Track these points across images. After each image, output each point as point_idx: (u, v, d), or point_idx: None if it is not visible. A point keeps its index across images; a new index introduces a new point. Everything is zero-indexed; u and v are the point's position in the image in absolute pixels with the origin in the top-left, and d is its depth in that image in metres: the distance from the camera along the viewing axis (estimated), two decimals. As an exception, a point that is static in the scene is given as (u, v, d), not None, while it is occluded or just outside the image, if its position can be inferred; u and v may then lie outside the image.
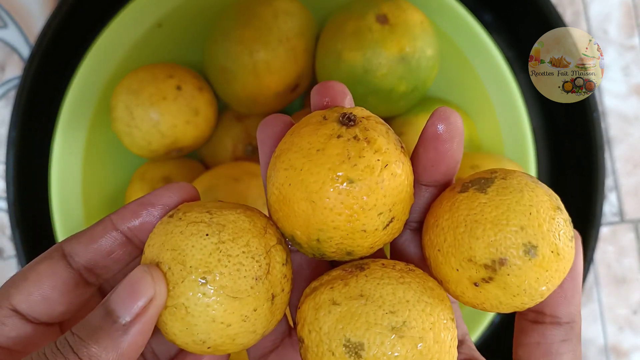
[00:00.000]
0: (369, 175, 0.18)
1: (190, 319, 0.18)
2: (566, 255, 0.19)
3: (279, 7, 0.37)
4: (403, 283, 0.19)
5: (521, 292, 0.18)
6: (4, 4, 0.49)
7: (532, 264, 0.18)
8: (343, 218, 0.18)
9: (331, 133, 0.18)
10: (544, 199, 0.19)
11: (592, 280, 0.51)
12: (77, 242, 0.20)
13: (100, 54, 0.38)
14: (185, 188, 0.21)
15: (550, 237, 0.18)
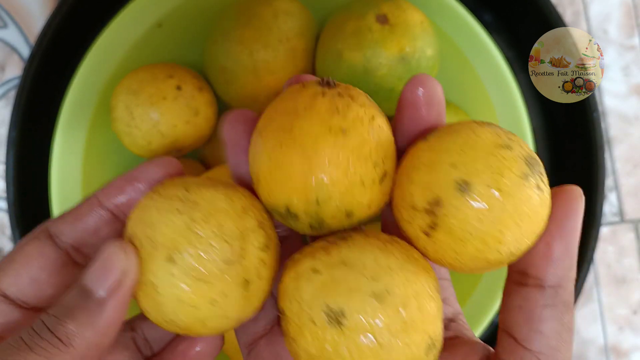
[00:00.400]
0: (360, 125, 0.18)
1: (159, 298, 0.18)
2: (521, 196, 0.17)
3: (279, 7, 0.37)
4: (386, 251, 0.18)
5: (468, 236, 0.17)
6: (4, 4, 0.49)
7: (468, 201, 0.17)
8: (341, 171, 0.18)
9: (315, 93, 0.19)
10: (485, 136, 0.18)
11: (592, 280, 0.51)
12: (62, 222, 0.19)
13: (100, 54, 0.38)
14: (170, 162, 0.20)
15: (487, 172, 0.17)
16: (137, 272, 0.18)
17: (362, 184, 0.18)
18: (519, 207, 0.17)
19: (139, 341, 0.21)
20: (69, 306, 0.17)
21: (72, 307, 0.17)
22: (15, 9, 0.49)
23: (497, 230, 0.17)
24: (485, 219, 0.17)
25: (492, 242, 0.17)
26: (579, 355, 0.51)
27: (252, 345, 0.22)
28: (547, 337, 0.18)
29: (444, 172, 0.17)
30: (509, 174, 0.17)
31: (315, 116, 0.18)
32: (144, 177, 0.20)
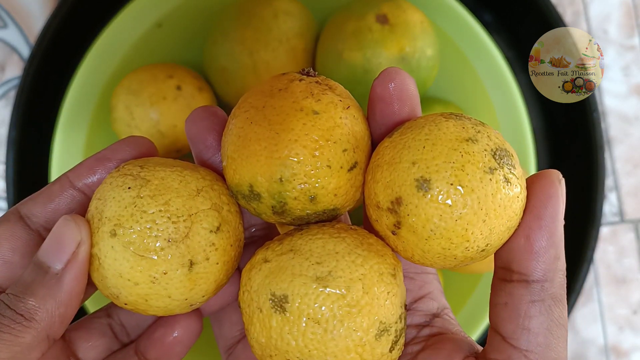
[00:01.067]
0: (333, 109, 0.18)
1: (102, 271, 0.18)
2: (485, 191, 0.16)
3: (279, 7, 0.37)
4: (337, 238, 0.18)
5: (431, 235, 0.17)
6: (4, 4, 0.49)
7: (429, 199, 0.16)
8: (308, 151, 0.17)
9: (292, 78, 0.18)
10: (449, 131, 0.17)
11: (592, 280, 0.51)
12: (33, 203, 0.19)
13: (100, 54, 0.38)
14: (141, 141, 0.20)
15: (447, 168, 0.16)
16: (89, 244, 0.18)
17: (328, 167, 0.17)
18: (484, 203, 0.16)
19: (115, 328, 0.21)
20: (27, 283, 0.17)
21: (30, 283, 0.17)
22: (15, 9, 0.49)
23: (461, 227, 0.16)
24: (447, 217, 0.16)
25: (457, 240, 0.17)
26: (579, 355, 0.51)
27: (231, 350, 0.22)
28: (535, 334, 0.17)
29: (405, 170, 0.17)
30: (472, 169, 0.16)
31: (288, 96, 0.18)
32: (114, 156, 0.20)
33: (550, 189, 0.17)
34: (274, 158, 0.17)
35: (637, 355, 0.51)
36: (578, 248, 0.44)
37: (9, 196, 0.41)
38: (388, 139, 0.18)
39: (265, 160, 0.17)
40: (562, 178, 0.18)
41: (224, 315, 0.22)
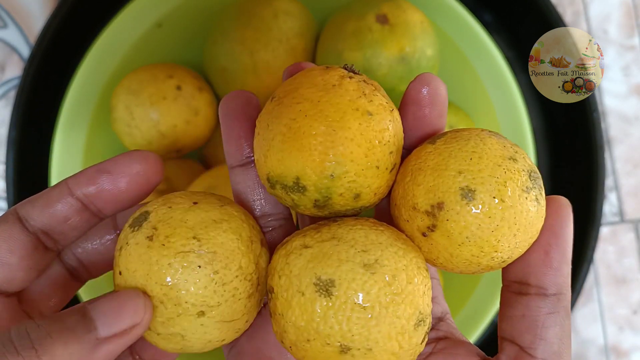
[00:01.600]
0: (383, 111, 0.18)
1: (187, 343, 0.18)
2: (521, 208, 0.18)
3: (279, 8, 0.37)
4: (376, 230, 0.18)
5: (465, 241, 0.18)
6: (4, 4, 0.49)
7: (471, 208, 0.17)
8: (362, 150, 0.18)
9: (342, 75, 0.19)
10: (493, 147, 0.18)
11: (592, 280, 0.51)
12: (32, 206, 0.19)
13: (100, 54, 0.38)
14: (147, 158, 0.19)
15: (492, 182, 0.17)
16: (146, 327, 0.17)
17: (377, 167, 0.18)
18: (518, 218, 0.18)
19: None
20: (65, 327, 0.16)
21: (68, 330, 0.16)
22: (15, 9, 0.49)
23: (495, 238, 0.18)
24: (484, 227, 0.17)
25: (487, 249, 0.18)
26: (579, 355, 0.51)
27: (234, 342, 0.22)
28: (550, 344, 0.18)
29: (450, 177, 0.18)
30: (513, 186, 0.17)
31: (344, 94, 0.18)
32: (116, 170, 0.19)
33: (565, 212, 0.19)
34: (327, 155, 0.17)
35: (637, 356, 0.51)
36: (578, 248, 0.44)
37: (9, 196, 0.41)
38: (431, 145, 0.19)
39: (318, 157, 0.18)
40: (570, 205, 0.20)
41: None
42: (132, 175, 0.19)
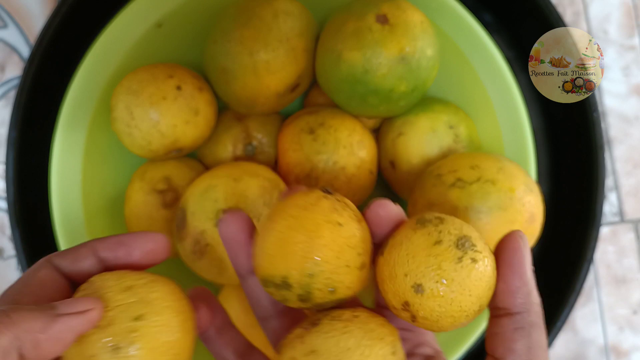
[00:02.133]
0: (351, 222, 0.23)
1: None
2: (462, 275, 0.22)
3: (279, 8, 0.37)
4: (345, 333, 0.22)
5: (439, 317, 0.22)
6: (4, 4, 0.49)
7: (427, 297, 0.22)
8: (334, 253, 0.23)
9: (319, 196, 0.24)
10: (419, 242, 0.23)
11: (592, 280, 0.51)
12: (63, 258, 0.23)
13: (100, 54, 0.38)
14: (158, 239, 0.24)
15: (430, 272, 0.22)
16: (97, 316, 0.20)
17: (347, 266, 0.23)
18: (465, 284, 0.22)
19: None
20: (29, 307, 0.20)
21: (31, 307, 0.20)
22: (15, 9, 0.49)
23: (457, 306, 0.22)
24: (444, 304, 0.22)
25: (458, 314, 0.22)
26: (579, 355, 0.51)
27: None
28: (518, 354, 0.22)
29: (402, 281, 0.22)
30: (447, 264, 0.22)
31: (319, 211, 0.23)
32: (133, 244, 0.23)
33: (514, 243, 0.23)
34: (307, 258, 0.22)
35: (637, 355, 0.51)
36: (578, 248, 0.44)
37: (9, 196, 0.41)
38: (382, 257, 0.24)
39: (299, 259, 0.22)
40: (524, 235, 0.23)
41: None
42: (144, 251, 0.23)
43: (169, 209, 0.39)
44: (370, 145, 0.40)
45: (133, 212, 0.40)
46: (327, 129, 0.38)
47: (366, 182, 0.40)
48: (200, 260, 0.35)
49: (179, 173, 0.40)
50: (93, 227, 0.40)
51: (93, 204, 0.40)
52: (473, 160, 0.35)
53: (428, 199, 0.35)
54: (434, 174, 0.36)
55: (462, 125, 0.41)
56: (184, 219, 0.35)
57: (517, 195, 0.33)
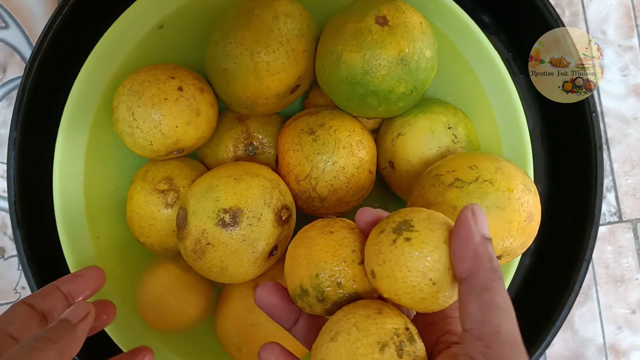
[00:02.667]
0: (341, 229, 0.28)
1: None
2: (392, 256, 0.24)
3: (279, 9, 0.37)
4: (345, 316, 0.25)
5: (397, 296, 0.24)
6: (6, 5, 0.49)
7: (378, 280, 0.25)
8: (329, 253, 0.27)
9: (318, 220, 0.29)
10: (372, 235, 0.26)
11: (590, 279, 0.51)
12: (34, 298, 0.30)
13: (102, 54, 0.38)
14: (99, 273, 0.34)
15: (374, 258, 0.25)
16: (94, 315, 0.29)
17: (344, 261, 0.26)
18: (400, 261, 0.24)
19: None
20: (53, 326, 0.27)
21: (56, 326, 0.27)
22: (17, 10, 0.49)
23: (402, 283, 0.24)
24: (391, 282, 0.24)
25: (409, 290, 0.24)
26: (578, 354, 0.51)
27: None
28: (473, 316, 0.22)
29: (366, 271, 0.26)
30: (384, 248, 0.24)
31: (315, 229, 0.28)
32: (85, 274, 0.33)
33: (462, 215, 0.24)
34: (310, 262, 0.27)
35: (636, 355, 0.51)
36: (576, 247, 0.44)
37: (10, 196, 0.42)
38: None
39: (305, 266, 0.27)
40: (475, 206, 0.24)
41: None
42: (93, 278, 0.33)
43: (171, 209, 0.39)
44: (370, 145, 0.40)
45: (135, 211, 0.40)
46: (327, 129, 0.39)
47: (366, 182, 0.40)
48: (201, 259, 0.35)
49: (180, 173, 0.41)
50: (95, 227, 0.40)
51: (95, 204, 0.40)
52: (471, 161, 0.35)
53: (427, 199, 0.35)
54: (432, 174, 0.36)
55: (460, 126, 0.41)
56: (185, 218, 0.35)
57: (515, 195, 0.33)
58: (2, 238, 0.49)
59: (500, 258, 0.34)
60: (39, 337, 0.26)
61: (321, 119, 0.39)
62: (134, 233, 0.41)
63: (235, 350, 0.39)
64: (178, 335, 0.42)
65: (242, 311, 0.38)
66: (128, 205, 0.41)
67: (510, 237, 0.33)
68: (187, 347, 0.41)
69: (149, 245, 0.41)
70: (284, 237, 0.37)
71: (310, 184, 0.39)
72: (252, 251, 0.35)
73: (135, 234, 0.41)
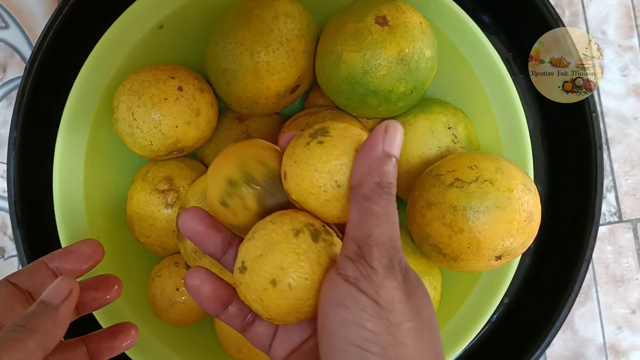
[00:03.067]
0: (258, 140, 0.29)
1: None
2: (303, 157, 0.25)
3: (279, 9, 0.37)
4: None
5: (304, 197, 0.25)
6: (6, 5, 0.49)
7: (288, 182, 0.25)
8: (248, 147, 0.28)
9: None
10: (291, 143, 0.26)
11: (590, 279, 0.51)
12: (19, 275, 0.28)
13: (102, 54, 0.38)
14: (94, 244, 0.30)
15: (287, 160, 0.25)
16: (78, 292, 0.25)
17: (263, 149, 0.28)
18: (310, 161, 0.25)
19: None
20: (34, 311, 0.24)
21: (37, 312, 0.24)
22: (17, 10, 0.49)
23: (309, 182, 0.25)
24: (299, 181, 0.25)
25: (314, 190, 0.25)
26: (578, 354, 0.51)
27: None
28: (351, 222, 0.23)
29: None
30: (298, 150, 0.25)
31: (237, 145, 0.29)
32: (77, 250, 0.30)
33: (374, 129, 0.24)
34: (236, 159, 0.27)
35: (636, 355, 0.51)
36: (576, 247, 0.44)
37: (10, 196, 0.42)
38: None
39: (232, 163, 0.27)
40: (390, 123, 0.24)
41: None
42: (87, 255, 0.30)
43: (171, 209, 0.39)
44: (370, 145, 0.40)
45: (135, 211, 0.40)
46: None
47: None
48: (202, 259, 0.35)
49: (180, 173, 0.41)
50: (95, 227, 0.40)
51: (95, 204, 0.40)
52: (472, 160, 0.35)
53: (427, 199, 0.35)
54: (432, 173, 0.36)
55: (460, 126, 0.41)
56: (185, 218, 0.35)
57: (515, 195, 0.33)
58: (2, 238, 0.49)
59: (500, 258, 0.34)
60: (16, 326, 0.23)
61: (321, 119, 0.39)
62: (133, 233, 0.41)
63: (235, 350, 0.39)
64: (178, 335, 0.42)
65: (242, 311, 0.38)
66: (128, 205, 0.41)
67: (511, 237, 0.33)
68: (186, 346, 0.41)
69: (149, 245, 0.41)
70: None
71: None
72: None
73: (135, 234, 0.41)
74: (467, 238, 0.33)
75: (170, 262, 0.40)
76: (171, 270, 0.40)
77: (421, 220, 0.35)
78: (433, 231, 0.34)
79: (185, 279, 0.26)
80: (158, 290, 0.39)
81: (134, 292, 0.41)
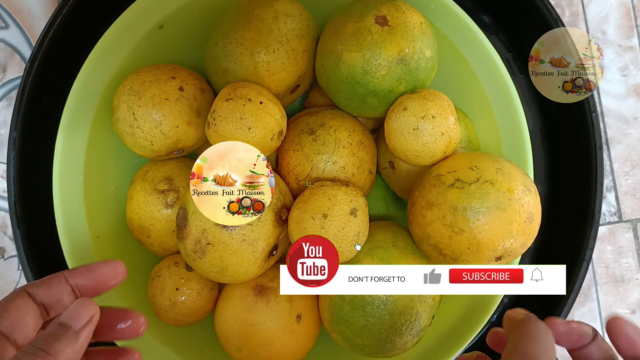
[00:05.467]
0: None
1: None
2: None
3: (280, 9, 0.37)
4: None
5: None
6: (6, 5, 0.49)
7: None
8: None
9: None
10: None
11: (590, 279, 0.51)
12: (37, 287, 0.27)
13: (102, 54, 0.38)
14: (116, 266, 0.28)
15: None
16: (99, 317, 0.25)
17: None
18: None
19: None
20: (53, 334, 0.24)
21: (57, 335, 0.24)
22: (17, 10, 0.49)
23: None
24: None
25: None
26: (578, 354, 0.51)
27: None
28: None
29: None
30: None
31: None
32: (99, 270, 0.28)
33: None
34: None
35: (635, 354, 0.51)
36: (576, 247, 0.44)
37: (10, 196, 0.42)
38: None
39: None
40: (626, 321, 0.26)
41: None
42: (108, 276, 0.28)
43: (171, 209, 0.39)
44: (370, 145, 0.40)
45: (135, 211, 0.40)
46: (327, 129, 0.39)
47: (366, 182, 0.40)
48: (202, 259, 0.35)
49: (180, 173, 0.41)
50: (95, 227, 0.40)
51: (95, 204, 0.40)
52: (472, 161, 0.35)
53: (427, 199, 0.35)
54: (433, 174, 0.36)
55: (460, 126, 0.41)
56: (185, 218, 0.35)
57: (515, 196, 0.33)
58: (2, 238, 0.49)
59: (500, 259, 0.34)
60: (36, 349, 0.23)
61: (321, 119, 0.39)
62: (133, 233, 0.41)
63: (236, 350, 0.39)
64: (178, 335, 0.42)
65: (242, 311, 0.38)
66: (128, 205, 0.41)
67: (511, 237, 0.33)
68: (186, 346, 0.41)
69: (149, 245, 0.41)
70: (284, 237, 0.37)
71: (310, 183, 0.39)
72: (252, 251, 0.35)
73: (135, 234, 0.41)
74: (467, 239, 0.33)
75: (170, 262, 0.40)
76: (171, 270, 0.40)
77: (421, 220, 0.35)
78: (433, 231, 0.34)
79: None
80: (158, 290, 0.39)
81: (134, 292, 0.41)
